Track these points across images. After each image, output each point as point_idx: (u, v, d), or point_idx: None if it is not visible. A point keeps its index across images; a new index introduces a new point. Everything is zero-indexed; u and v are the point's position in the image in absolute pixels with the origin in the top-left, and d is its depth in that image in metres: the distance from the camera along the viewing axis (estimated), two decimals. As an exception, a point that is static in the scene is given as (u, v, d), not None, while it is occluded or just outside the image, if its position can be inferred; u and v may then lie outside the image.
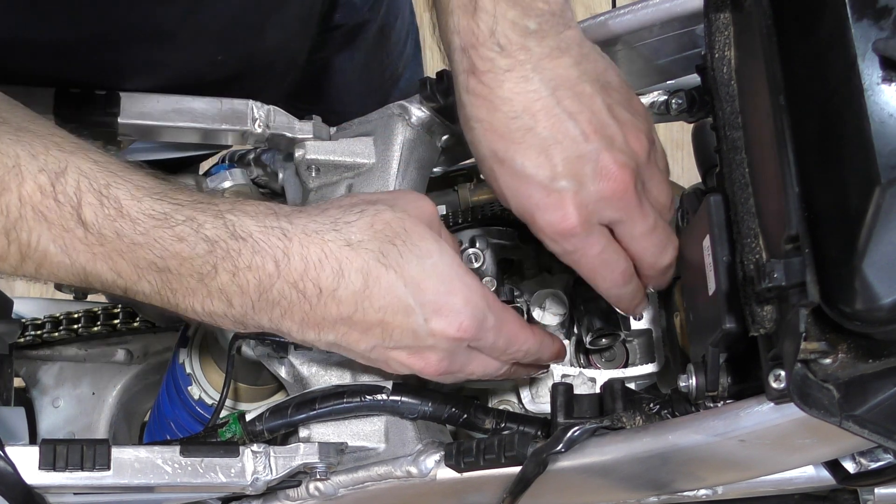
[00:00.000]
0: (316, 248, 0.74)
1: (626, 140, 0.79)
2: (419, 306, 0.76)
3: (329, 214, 0.76)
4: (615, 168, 0.78)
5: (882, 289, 0.62)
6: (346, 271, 0.74)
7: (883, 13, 0.66)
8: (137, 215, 0.71)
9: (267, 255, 0.73)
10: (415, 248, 0.76)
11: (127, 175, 0.72)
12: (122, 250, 0.72)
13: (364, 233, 0.75)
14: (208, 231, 0.72)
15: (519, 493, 0.81)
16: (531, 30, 0.78)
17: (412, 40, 1.47)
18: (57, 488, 0.79)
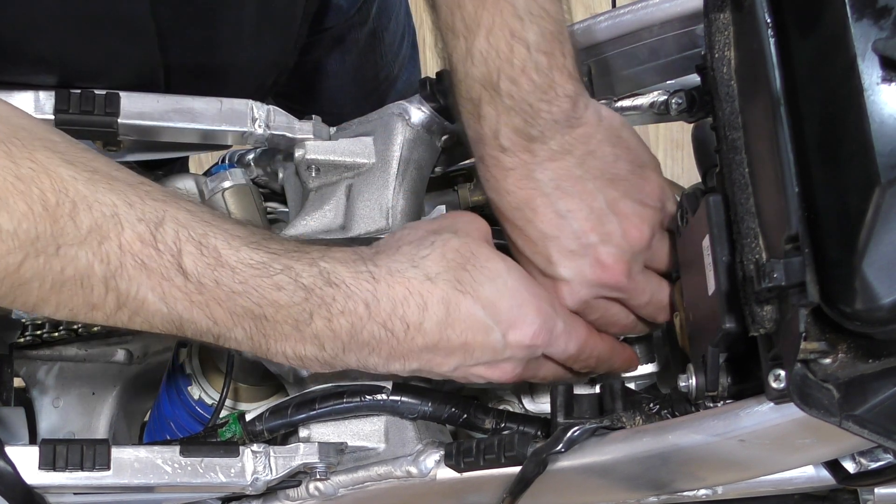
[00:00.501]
0: (400, 286, 0.77)
1: (623, 234, 0.83)
2: (496, 324, 0.79)
3: (404, 252, 0.79)
4: (610, 262, 0.83)
5: (882, 289, 0.62)
6: (430, 304, 0.77)
7: (883, 13, 0.66)
8: (236, 264, 0.73)
9: (358, 299, 0.76)
10: (485, 269, 0.79)
11: (220, 224, 0.74)
12: (220, 298, 0.73)
13: (439, 264, 0.78)
14: (305, 279, 0.75)
15: (519, 493, 0.81)
16: (534, 136, 0.81)
17: (408, 42, 1.47)
18: (57, 488, 0.79)
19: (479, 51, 0.80)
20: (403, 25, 1.45)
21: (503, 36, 0.79)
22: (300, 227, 0.91)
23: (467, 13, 0.80)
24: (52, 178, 0.70)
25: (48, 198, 0.69)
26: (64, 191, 0.70)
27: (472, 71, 0.80)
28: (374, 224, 0.90)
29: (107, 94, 0.88)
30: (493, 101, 0.80)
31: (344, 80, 1.37)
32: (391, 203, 0.91)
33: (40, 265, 0.70)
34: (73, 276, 0.71)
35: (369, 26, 1.34)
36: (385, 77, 1.42)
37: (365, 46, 1.36)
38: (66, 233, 0.70)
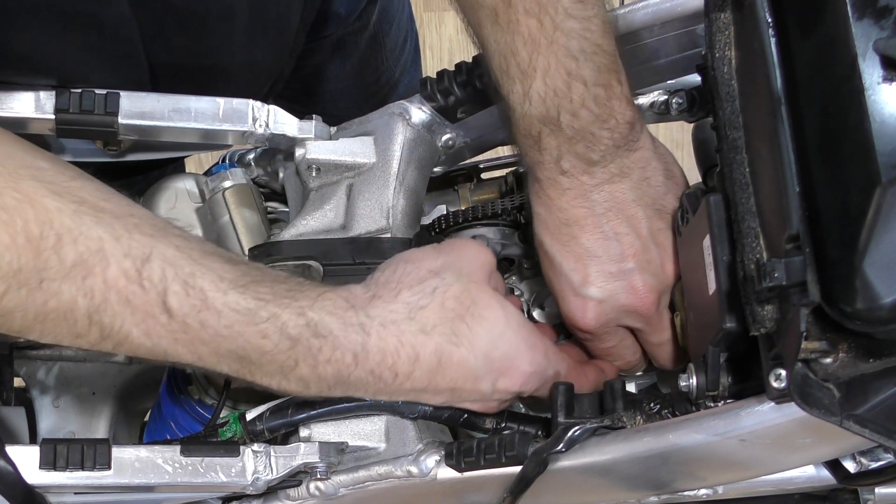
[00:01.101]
0: (392, 339, 0.77)
1: (661, 265, 0.85)
2: (488, 372, 0.79)
3: (403, 300, 0.78)
4: (643, 290, 0.85)
5: (883, 288, 0.62)
6: (422, 356, 0.78)
7: (883, 12, 0.66)
8: (222, 308, 0.73)
9: (346, 350, 0.76)
10: (483, 320, 0.79)
11: (208, 263, 0.74)
12: (205, 339, 0.73)
13: (437, 315, 0.78)
14: (291, 330, 0.74)
15: (519, 493, 0.81)
16: (595, 160, 0.82)
17: (410, 46, 1.47)
18: (57, 488, 0.79)
19: (537, 92, 0.80)
20: (406, 30, 1.45)
21: (560, 76, 0.79)
22: (300, 227, 0.91)
23: (522, 59, 0.80)
24: (37, 209, 0.69)
25: (32, 229, 0.68)
26: (49, 223, 0.69)
27: (531, 111, 0.81)
28: (375, 224, 0.90)
29: (107, 94, 0.88)
30: (553, 134, 0.81)
31: (345, 83, 1.37)
32: (391, 203, 0.90)
33: (22, 297, 0.69)
34: (56, 309, 0.70)
35: (370, 31, 1.34)
36: (387, 81, 1.42)
37: (366, 51, 1.36)
38: (49, 266, 0.69)
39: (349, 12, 1.29)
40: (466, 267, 0.81)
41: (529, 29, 0.79)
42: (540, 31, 0.79)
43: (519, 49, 0.80)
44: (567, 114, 0.80)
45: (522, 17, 0.79)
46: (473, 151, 0.99)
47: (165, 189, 1.01)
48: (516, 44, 0.80)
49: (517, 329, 0.80)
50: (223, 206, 0.97)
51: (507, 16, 0.79)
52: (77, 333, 0.72)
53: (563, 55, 0.79)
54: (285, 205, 1.00)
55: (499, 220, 0.96)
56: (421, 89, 0.92)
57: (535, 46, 0.79)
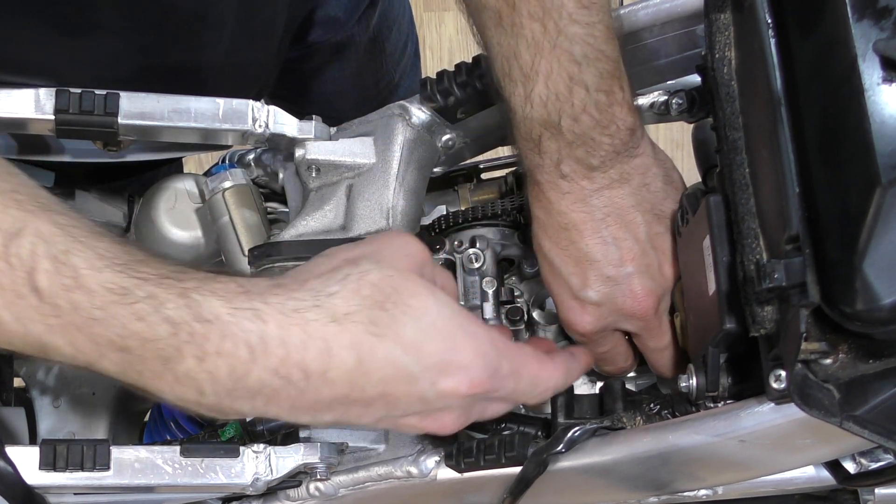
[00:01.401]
0: (296, 329, 0.65)
1: (660, 269, 0.85)
2: (423, 371, 0.68)
3: (309, 288, 0.67)
4: (642, 293, 0.84)
5: (882, 289, 0.62)
6: (335, 350, 0.66)
7: (883, 13, 0.66)
8: (95, 287, 0.64)
9: (238, 339, 0.65)
10: (409, 308, 0.68)
11: (90, 241, 0.66)
12: (78, 324, 0.65)
13: (350, 303, 0.67)
14: (170, 311, 0.65)
15: (519, 494, 0.81)
16: (595, 165, 0.82)
17: (411, 50, 1.47)
18: (57, 488, 0.79)
19: (539, 95, 0.80)
20: (406, 34, 1.45)
21: (562, 80, 0.79)
22: (300, 228, 0.91)
23: (524, 62, 0.79)
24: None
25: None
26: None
27: (532, 114, 0.81)
28: (375, 224, 0.90)
29: (107, 95, 0.88)
30: (553, 138, 0.81)
31: (344, 86, 1.37)
32: (391, 203, 0.90)
33: None
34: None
35: (370, 35, 1.35)
36: (386, 85, 1.42)
37: (365, 55, 1.36)
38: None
39: (348, 17, 1.29)
40: (389, 256, 0.70)
41: (533, 32, 0.79)
42: (543, 35, 0.79)
43: (522, 52, 0.79)
44: (568, 118, 0.80)
45: (526, 21, 0.79)
46: (473, 152, 0.99)
47: (165, 189, 1.01)
48: (519, 47, 0.79)
49: (451, 316, 0.69)
50: (223, 207, 0.97)
51: (511, 19, 0.79)
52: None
53: (566, 60, 0.79)
54: (285, 205, 1.00)
55: (499, 220, 0.96)
56: (421, 90, 0.92)
57: (538, 50, 0.79)
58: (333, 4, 1.26)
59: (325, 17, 1.26)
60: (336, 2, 1.26)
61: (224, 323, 0.65)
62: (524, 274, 0.97)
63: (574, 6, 0.78)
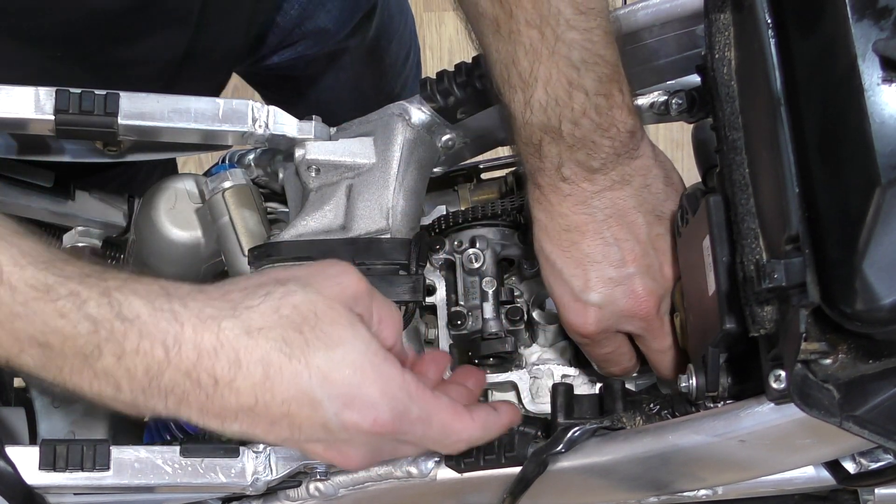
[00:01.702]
0: (210, 335, 0.66)
1: (661, 270, 0.85)
2: (328, 399, 0.67)
3: (230, 298, 0.68)
4: (643, 294, 0.84)
5: (882, 289, 0.62)
6: (245, 362, 0.67)
7: (883, 13, 0.66)
8: (17, 283, 0.65)
9: (156, 339, 0.66)
10: (324, 335, 0.68)
11: (13, 240, 0.67)
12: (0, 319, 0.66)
13: (266, 319, 0.67)
14: (92, 309, 0.66)
15: (519, 494, 0.81)
16: (596, 167, 0.82)
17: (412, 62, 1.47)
18: (57, 488, 0.79)
19: (538, 101, 0.80)
20: (408, 46, 1.45)
21: (561, 86, 0.79)
22: (300, 228, 0.91)
23: (523, 69, 0.80)
24: None
25: None
26: None
27: (532, 119, 0.81)
28: (375, 224, 0.90)
29: (107, 95, 0.88)
30: (554, 142, 0.81)
31: (341, 94, 1.37)
32: (391, 203, 0.90)
33: None
34: None
35: (367, 46, 1.35)
36: (386, 95, 1.42)
37: (363, 65, 1.36)
38: None
39: (338, 28, 1.29)
40: (320, 283, 0.70)
41: (531, 39, 0.79)
42: (541, 42, 0.79)
43: (520, 59, 0.79)
44: (568, 122, 0.80)
45: (524, 28, 0.79)
46: (473, 152, 0.99)
47: (165, 189, 1.01)
48: (517, 53, 0.79)
49: (365, 352, 0.68)
50: (223, 207, 0.97)
51: (509, 26, 0.79)
52: None
53: (565, 65, 0.79)
54: (285, 205, 1.00)
55: (499, 220, 0.96)
56: (420, 90, 0.92)
57: (537, 56, 0.79)
58: (323, 17, 1.26)
59: (315, 28, 1.26)
60: (325, 14, 1.26)
61: (143, 322, 0.66)
62: (524, 274, 0.97)
63: (571, 12, 0.78)
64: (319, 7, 1.25)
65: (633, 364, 0.91)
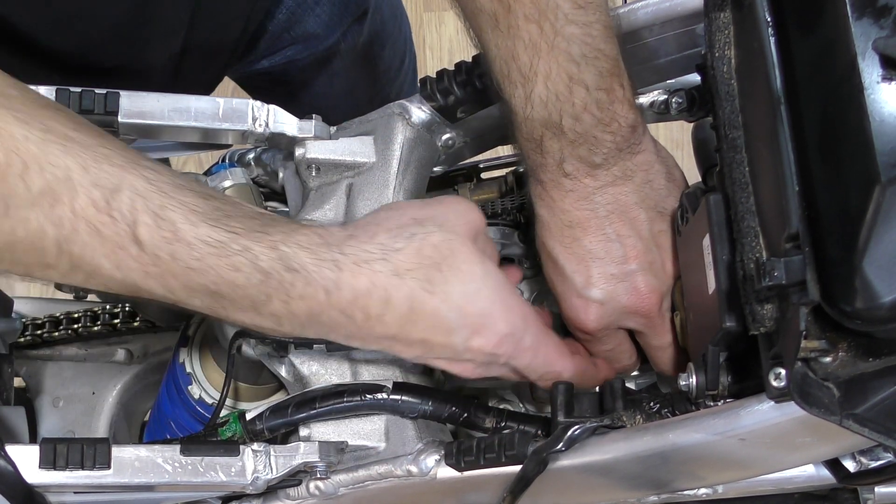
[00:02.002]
0: (364, 278, 0.75)
1: (663, 266, 0.85)
2: (460, 327, 0.78)
3: (378, 241, 0.77)
4: (645, 290, 0.85)
5: (882, 287, 0.62)
6: (393, 299, 0.76)
7: (883, 12, 0.66)
8: (193, 240, 0.72)
9: (318, 285, 0.75)
10: (460, 272, 0.77)
11: (180, 196, 0.72)
12: (175, 272, 0.72)
13: (411, 260, 0.76)
14: (263, 263, 0.73)
15: (519, 492, 0.81)
16: (598, 163, 0.82)
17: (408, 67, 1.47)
18: (57, 487, 0.79)
19: (539, 96, 0.80)
20: (403, 51, 1.44)
21: (562, 81, 0.79)
22: (300, 227, 0.91)
23: (523, 64, 0.80)
24: (3, 136, 0.68)
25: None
26: (14, 150, 0.68)
27: (533, 114, 0.81)
28: (375, 223, 0.90)
29: (107, 94, 0.88)
30: (555, 137, 0.81)
31: (335, 100, 1.38)
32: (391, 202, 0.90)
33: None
34: (25, 238, 0.69)
35: (359, 52, 1.35)
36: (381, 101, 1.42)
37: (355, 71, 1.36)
38: (15, 193, 0.68)
39: (328, 32, 1.29)
40: (451, 220, 0.79)
41: (530, 34, 0.79)
42: (540, 37, 0.79)
43: (520, 54, 0.80)
44: (569, 118, 0.80)
45: (522, 23, 0.79)
46: (473, 151, 0.99)
47: (165, 189, 1.01)
48: (517, 49, 0.80)
49: (495, 288, 0.79)
50: (223, 206, 0.96)
51: (507, 21, 0.79)
52: (47, 263, 0.71)
53: (565, 60, 0.79)
54: (285, 204, 1.00)
55: (499, 219, 0.96)
56: (420, 89, 0.92)
57: (536, 51, 0.79)
58: (312, 22, 1.26)
59: (304, 33, 1.27)
60: (314, 19, 1.26)
61: (309, 272, 0.74)
62: (524, 273, 0.97)
63: (570, 7, 0.78)
64: (308, 11, 1.25)
65: (633, 362, 0.91)
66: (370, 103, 1.39)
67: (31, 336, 1.16)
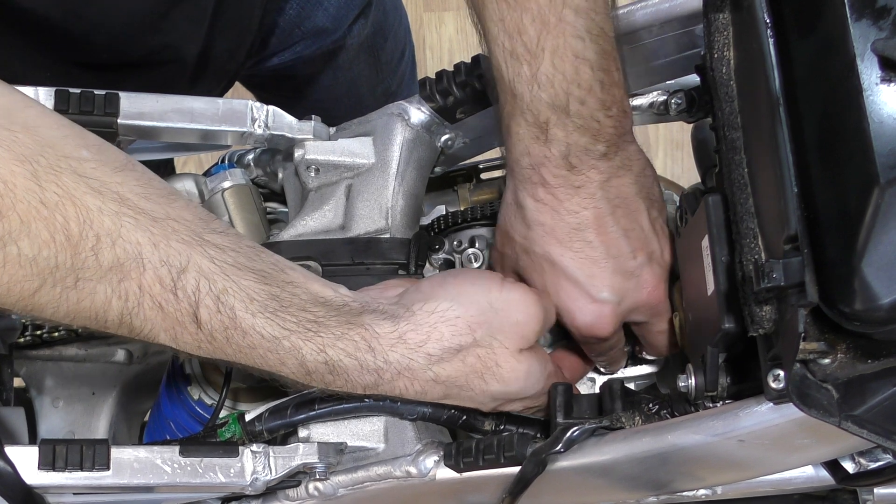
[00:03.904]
0: (404, 381, 0.79)
1: (662, 254, 0.86)
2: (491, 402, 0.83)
3: (425, 351, 0.79)
4: (653, 282, 0.85)
5: (881, 289, 0.62)
6: (429, 394, 0.81)
7: (882, 13, 0.66)
8: (249, 330, 0.75)
9: (357, 385, 0.79)
10: (501, 379, 0.80)
11: (241, 281, 0.74)
12: (227, 352, 0.76)
13: (454, 370, 0.79)
14: (309, 364, 0.77)
15: (518, 494, 0.81)
16: (602, 151, 0.81)
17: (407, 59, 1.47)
18: (56, 488, 0.79)
19: (545, 74, 0.79)
20: (403, 43, 1.45)
21: (568, 59, 0.78)
22: (299, 228, 0.91)
23: (529, 38, 0.79)
24: (78, 207, 0.68)
25: (71, 228, 0.68)
26: (89, 222, 0.69)
27: (540, 94, 0.79)
28: (374, 224, 0.90)
29: (106, 95, 0.88)
30: (561, 123, 0.80)
31: (338, 93, 1.38)
32: (391, 203, 0.91)
33: (56, 294, 0.69)
34: (89, 308, 0.71)
35: (363, 44, 1.35)
36: (382, 93, 1.42)
37: (359, 63, 1.36)
38: (86, 266, 0.69)
39: (336, 25, 1.29)
40: (505, 328, 0.80)
41: (538, 4, 0.78)
42: (549, 7, 0.78)
43: (527, 26, 0.78)
44: (575, 101, 0.79)
45: None
46: (473, 151, 0.99)
47: (165, 189, 1.01)
48: (524, 21, 0.78)
49: (534, 381, 0.82)
50: (222, 207, 0.97)
51: None
52: (106, 328, 0.73)
53: (571, 34, 0.78)
54: (284, 205, 1.00)
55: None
56: (420, 90, 0.92)
57: (544, 24, 0.78)
58: (321, 16, 1.26)
59: (313, 27, 1.27)
60: (322, 13, 1.26)
61: (349, 374, 0.78)
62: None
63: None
64: (317, 6, 1.25)
65: (625, 357, 0.91)
66: (372, 95, 1.40)
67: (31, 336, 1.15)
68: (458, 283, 0.81)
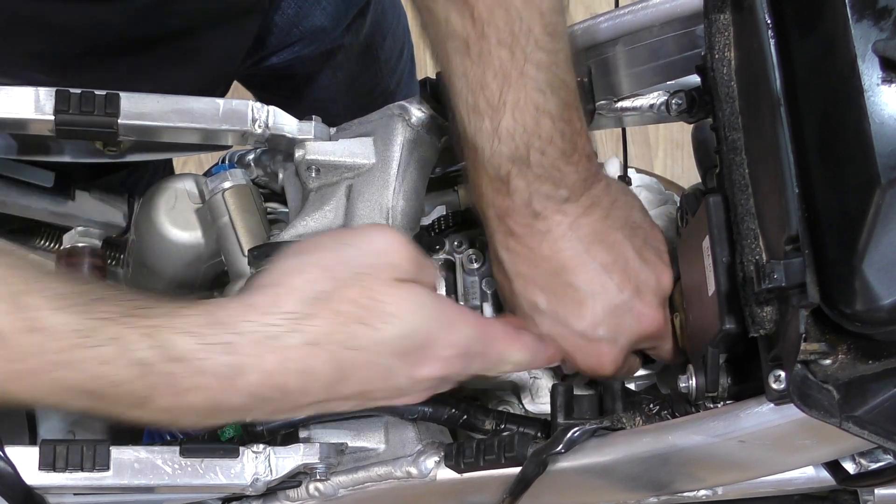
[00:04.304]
0: (272, 356, 0.66)
1: (657, 280, 0.84)
2: (400, 366, 0.70)
3: (284, 310, 0.67)
4: (649, 311, 0.83)
5: (882, 290, 0.62)
6: (314, 369, 0.67)
7: (883, 14, 0.66)
8: (56, 328, 0.62)
9: (210, 374, 0.65)
10: (387, 317, 0.69)
11: (45, 282, 0.64)
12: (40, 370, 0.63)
13: (329, 323, 0.67)
14: (139, 353, 0.63)
15: (519, 494, 0.81)
16: (564, 197, 0.81)
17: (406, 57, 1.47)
18: (57, 489, 0.79)
19: (506, 128, 0.78)
20: (402, 42, 1.45)
21: (528, 111, 0.78)
22: (300, 228, 0.91)
23: (491, 93, 0.78)
24: None
25: None
26: None
27: (501, 148, 0.79)
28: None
29: (107, 95, 0.88)
30: (521, 174, 0.80)
31: (337, 92, 1.38)
32: (391, 203, 0.90)
33: None
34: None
35: (361, 43, 1.35)
36: (381, 92, 1.42)
37: (358, 62, 1.36)
38: None
39: (334, 25, 1.29)
40: (368, 260, 0.70)
41: (501, 60, 0.78)
42: (511, 63, 0.77)
43: (489, 82, 0.78)
44: (536, 152, 0.79)
45: (495, 49, 0.77)
46: (473, 152, 0.99)
47: (165, 189, 1.01)
48: (486, 77, 0.78)
49: (431, 315, 0.71)
50: (223, 207, 0.97)
51: (479, 46, 0.78)
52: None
53: (532, 88, 0.78)
54: (285, 205, 1.00)
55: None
56: (420, 90, 0.92)
57: (506, 79, 0.78)
58: (319, 15, 1.26)
59: (312, 27, 1.27)
60: (321, 12, 1.26)
61: (196, 359, 0.64)
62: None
63: (541, 32, 0.78)
64: (315, 5, 1.25)
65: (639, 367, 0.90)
66: (371, 94, 1.40)
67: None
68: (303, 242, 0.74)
